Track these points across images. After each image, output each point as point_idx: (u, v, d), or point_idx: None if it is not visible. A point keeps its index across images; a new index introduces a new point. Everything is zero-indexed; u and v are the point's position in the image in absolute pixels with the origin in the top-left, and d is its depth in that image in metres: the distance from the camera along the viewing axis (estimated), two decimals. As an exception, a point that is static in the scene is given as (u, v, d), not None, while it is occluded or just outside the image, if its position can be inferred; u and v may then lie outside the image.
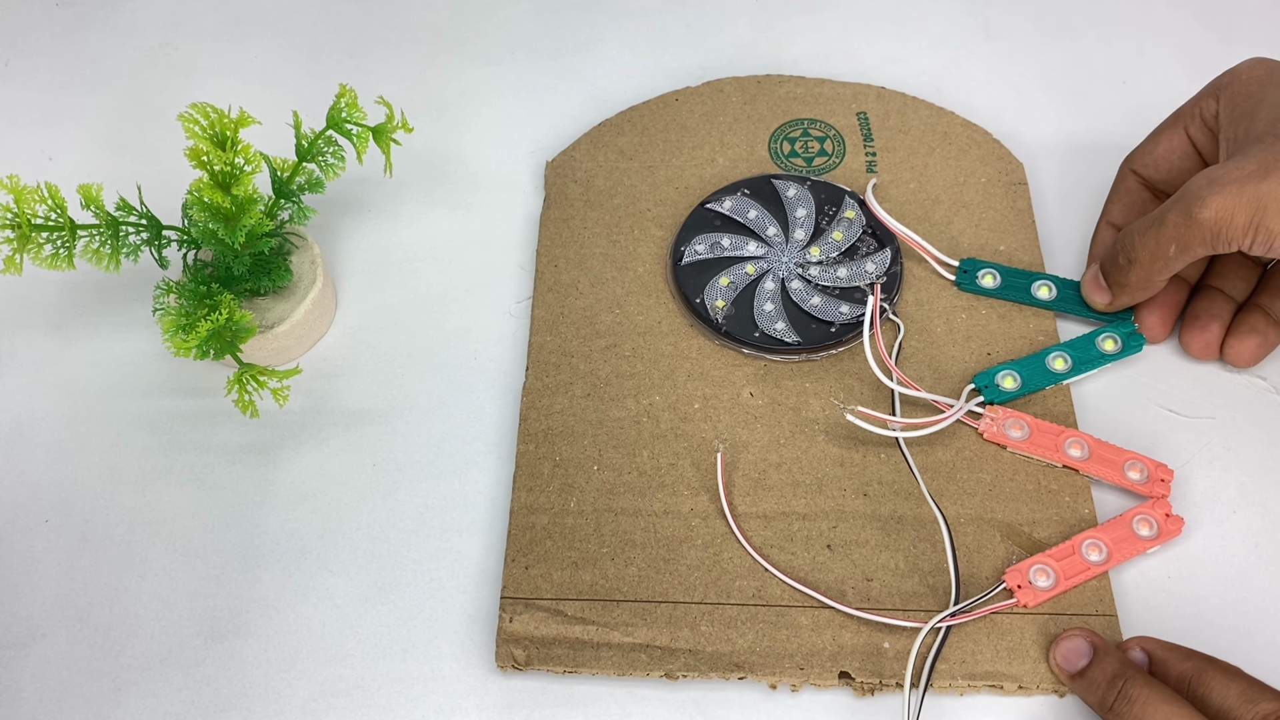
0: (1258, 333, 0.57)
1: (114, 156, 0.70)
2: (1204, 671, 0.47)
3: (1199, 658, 0.48)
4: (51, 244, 0.55)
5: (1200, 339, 0.58)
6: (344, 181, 0.63)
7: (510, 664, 0.51)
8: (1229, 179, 0.51)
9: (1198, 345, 0.58)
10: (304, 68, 0.74)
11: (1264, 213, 0.50)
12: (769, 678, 0.50)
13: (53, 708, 0.52)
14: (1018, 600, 0.51)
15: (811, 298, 0.60)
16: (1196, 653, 0.48)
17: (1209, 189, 0.51)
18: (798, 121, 0.68)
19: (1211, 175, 0.52)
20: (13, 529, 0.57)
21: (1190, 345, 0.59)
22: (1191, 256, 0.53)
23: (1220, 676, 0.47)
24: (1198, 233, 0.52)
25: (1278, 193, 0.50)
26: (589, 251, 0.63)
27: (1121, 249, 0.56)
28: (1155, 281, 0.56)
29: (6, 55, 0.76)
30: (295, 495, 0.57)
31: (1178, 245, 0.53)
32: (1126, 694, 0.47)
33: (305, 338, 0.61)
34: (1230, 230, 0.51)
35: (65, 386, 0.61)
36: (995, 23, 0.74)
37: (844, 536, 0.54)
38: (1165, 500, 0.54)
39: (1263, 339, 0.57)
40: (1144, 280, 0.56)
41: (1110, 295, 0.58)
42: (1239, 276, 0.59)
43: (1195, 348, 0.59)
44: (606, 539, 0.54)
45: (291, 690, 0.52)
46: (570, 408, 0.58)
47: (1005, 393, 0.57)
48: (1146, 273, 0.55)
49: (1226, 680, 0.46)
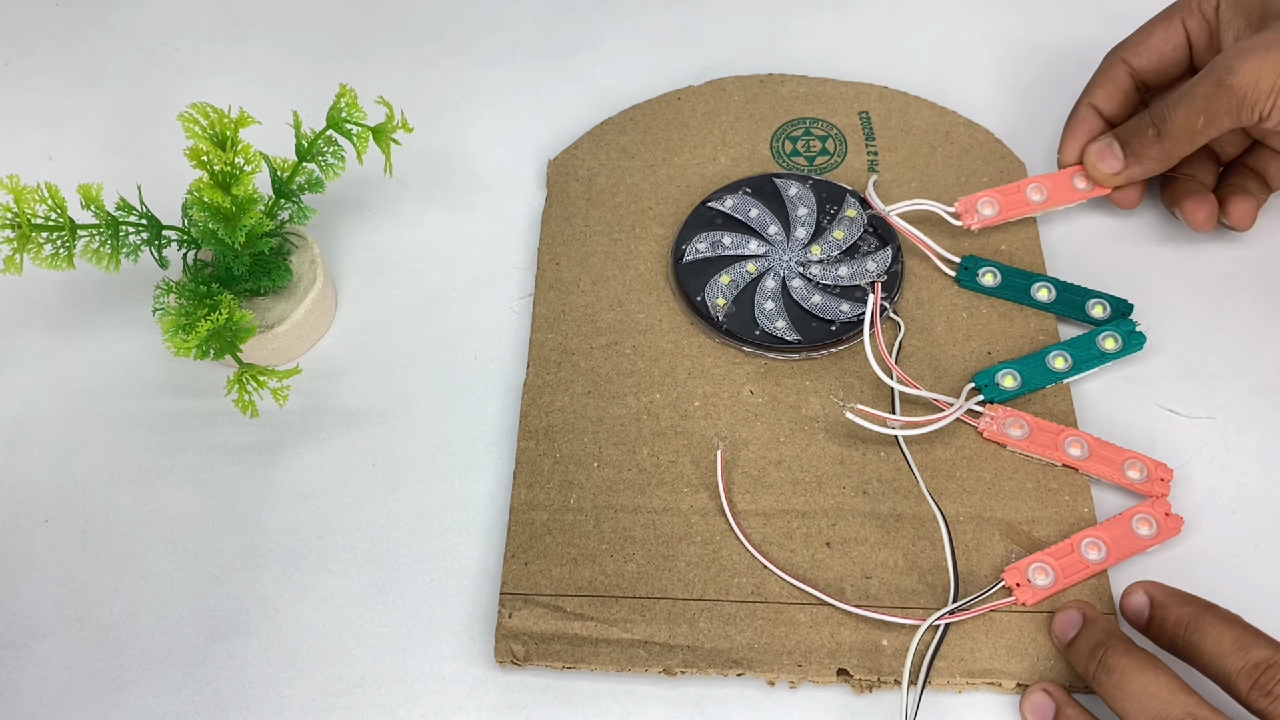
0: (1250, 195, 0.61)
1: (114, 156, 0.70)
2: (1201, 617, 0.47)
3: (1198, 603, 0.48)
4: (51, 244, 0.55)
5: (1203, 209, 0.61)
6: (344, 181, 0.63)
7: (509, 659, 0.51)
8: (1256, 46, 0.54)
9: (1201, 215, 0.61)
10: (304, 68, 0.74)
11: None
12: (767, 674, 0.50)
13: (53, 708, 0.52)
14: (1016, 598, 0.51)
15: (812, 296, 0.60)
16: (1196, 598, 0.48)
17: (1237, 56, 0.55)
18: (799, 121, 0.68)
19: (1239, 45, 0.55)
20: (13, 529, 0.57)
21: (1194, 217, 0.61)
22: (1218, 129, 0.57)
23: (1216, 623, 0.47)
24: (1226, 100, 0.55)
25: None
26: (590, 249, 0.63)
27: (1152, 120, 0.58)
28: (1176, 155, 0.59)
29: (6, 55, 0.77)
30: (295, 495, 0.57)
31: (1207, 116, 0.56)
32: (1106, 663, 0.47)
33: (305, 338, 0.61)
34: (1255, 94, 0.55)
35: (65, 386, 0.61)
36: (996, 22, 0.74)
37: (843, 534, 0.54)
38: (1165, 500, 0.54)
39: (1256, 200, 0.61)
40: (1168, 153, 0.59)
41: (1124, 164, 0.60)
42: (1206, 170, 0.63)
43: (1199, 218, 0.61)
44: (606, 535, 0.54)
45: (291, 690, 0.52)
46: (571, 405, 0.58)
47: (1005, 391, 0.57)
48: (1175, 144, 0.58)
49: (1222, 627, 0.46)
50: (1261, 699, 0.44)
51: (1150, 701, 0.45)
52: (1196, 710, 0.44)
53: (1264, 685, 0.44)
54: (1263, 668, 0.44)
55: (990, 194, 0.62)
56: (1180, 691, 0.45)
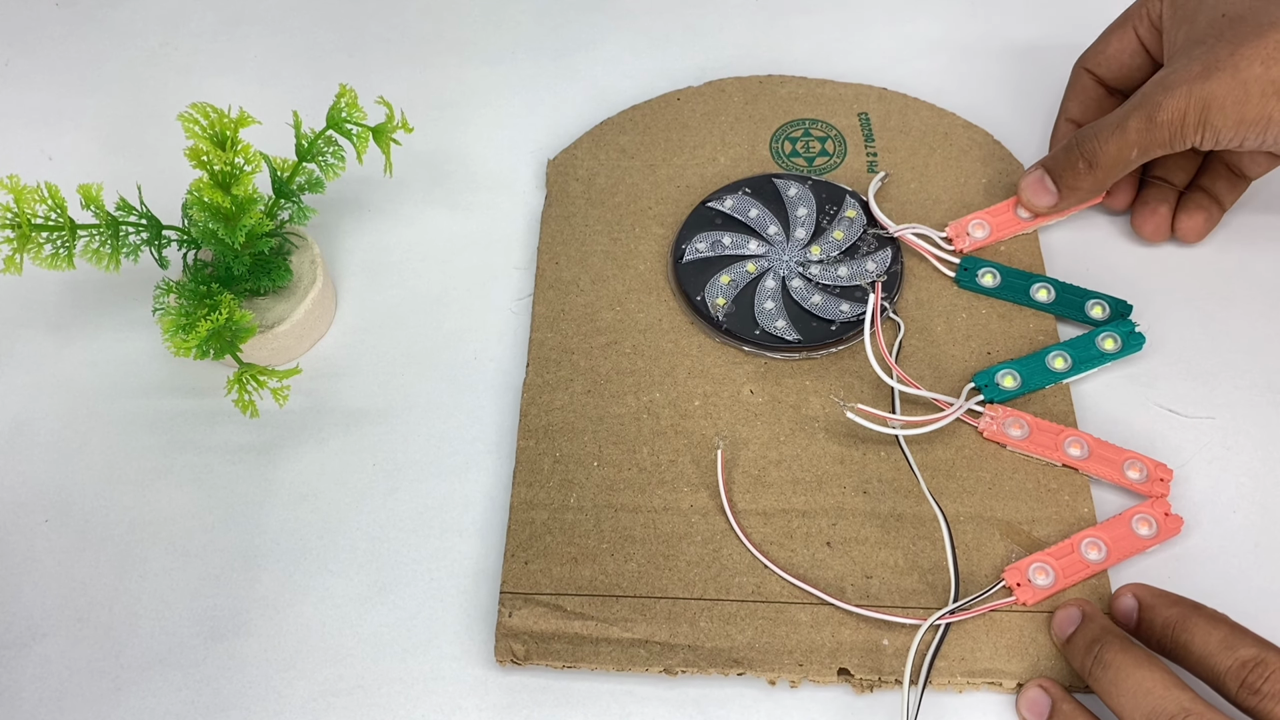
0: (1203, 209, 0.62)
1: (114, 156, 0.70)
2: (1188, 618, 0.47)
3: (1185, 604, 0.48)
4: (51, 244, 0.55)
5: (1151, 221, 0.62)
6: (344, 181, 0.63)
7: (509, 659, 0.51)
8: (1178, 82, 0.55)
9: (1149, 227, 0.62)
10: (304, 68, 0.74)
11: (1208, 111, 0.54)
12: (768, 674, 0.50)
13: (53, 708, 0.52)
14: (1017, 598, 0.51)
15: (812, 296, 0.60)
16: (1183, 599, 0.48)
17: (1162, 93, 0.55)
18: (799, 121, 0.68)
19: (1163, 79, 0.56)
20: (13, 529, 0.57)
21: (1143, 228, 0.63)
22: (1151, 157, 0.58)
23: (1204, 623, 0.47)
24: (1159, 134, 0.56)
25: (1218, 92, 0.54)
26: (590, 249, 0.63)
27: (1080, 153, 0.59)
28: (1110, 183, 0.60)
29: (6, 55, 0.77)
30: (295, 495, 0.57)
31: (1140, 149, 0.57)
32: (1102, 659, 0.47)
33: (305, 338, 0.61)
34: (1184, 130, 0.55)
35: (65, 386, 0.61)
36: (996, 23, 0.74)
37: (843, 534, 0.54)
38: (1164, 500, 0.54)
39: (1208, 214, 0.62)
40: (1101, 183, 0.60)
41: (1058, 197, 0.61)
42: (1179, 167, 0.63)
43: (1148, 229, 0.62)
44: (606, 535, 0.54)
45: (291, 690, 0.52)
46: (571, 404, 0.58)
47: (1005, 391, 0.57)
48: (1107, 175, 0.59)
49: (1209, 626, 0.46)
50: (1251, 697, 0.44)
51: (1145, 697, 0.45)
52: (1191, 706, 0.44)
53: (1252, 684, 0.44)
54: (1251, 666, 0.45)
55: (981, 216, 0.63)
56: (1175, 687, 0.45)
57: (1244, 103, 0.53)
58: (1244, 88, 0.53)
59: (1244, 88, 0.53)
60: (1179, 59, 0.56)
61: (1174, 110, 0.55)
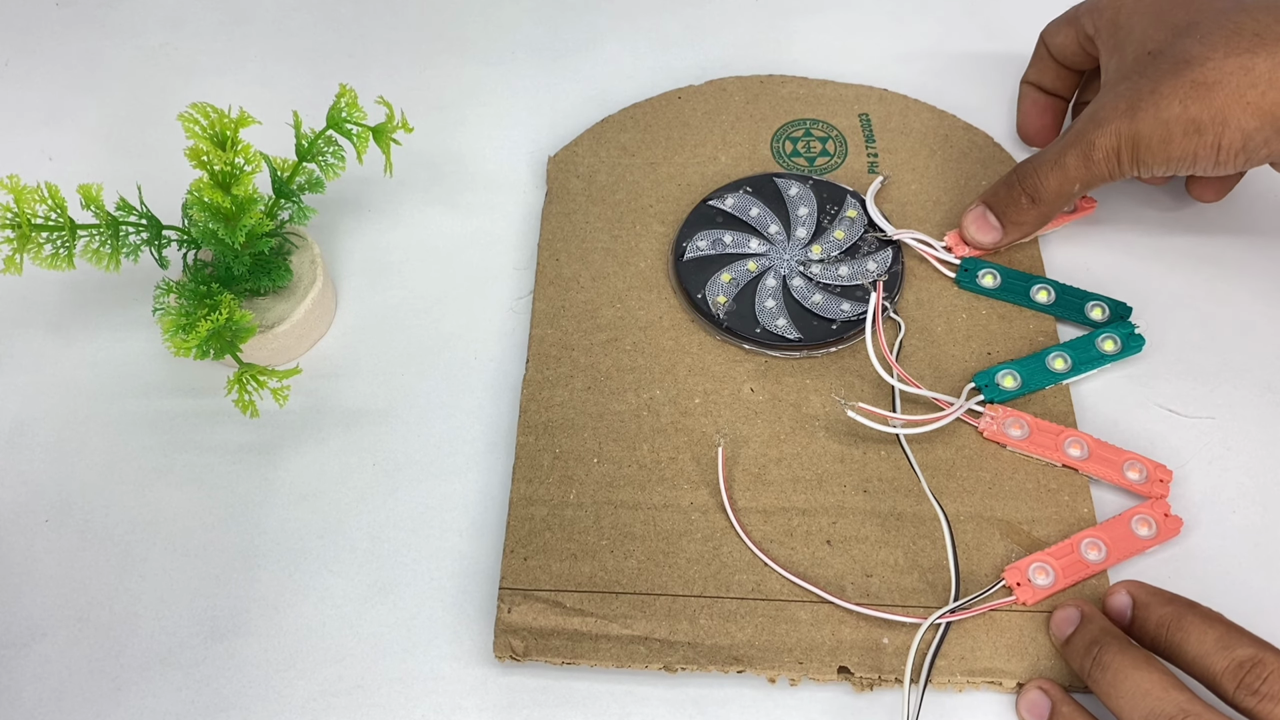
0: None
1: (114, 156, 0.70)
2: (1183, 617, 0.47)
3: (1180, 602, 0.48)
4: (51, 244, 0.55)
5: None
6: (344, 181, 0.63)
7: (508, 654, 0.51)
8: (1108, 119, 0.55)
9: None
10: (304, 68, 0.74)
11: (1138, 150, 0.55)
12: (768, 671, 0.50)
13: (53, 708, 0.52)
14: (1017, 598, 0.51)
15: (813, 295, 0.60)
16: (1178, 598, 0.48)
17: (1095, 130, 0.56)
18: (800, 121, 0.68)
19: (1094, 114, 0.56)
20: (13, 529, 0.57)
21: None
22: (1095, 188, 0.59)
23: (1199, 622, 0.47)
24: (1097, 170, 0.56)
25: (1144, 131, 0.54)
26: (590, 246, 0.63)
27: (1023, 189, 0.59)
28: (1053, 216, 0.60)
29: (6, 55, 0.77)
30: (295, 495, 0.57)
31: (1081, 183, 0.57)
32: (1100, 660, 0.47)
33: (305, 338, 0.61)
34: (1120, 165, 0.56)
35: (65, 386, 0.61)
36: (996, 24, 0.74)
37: (844, 532, 0.54)
38: (1164, 500, 0.54)
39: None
40: (1045, 217, 0.60)
41: (1002, 233, 0.61)
42: None
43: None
44: (606, 531, 0.54)
45: (291, 690, 0.52)
46: (570, 400, 0.58)
47: (1005, 392, 0.57)
48: (1050, 209, 0.59)
49: (1204, 626, 0.46)
50: (1248, 698, 0.44)
51: (1143, 698, 0.45)
52: (1189, 706, 0.44)
53: (1250, 684, 0.44)
54: (1248, 666, 0.44)
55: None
56: (1173, 688, 0.45)
57: (1168, 141, 0.54)
58: (1166, 127, 0.54)
59: (1166, 127, 0.54)
60: (1108, 94, 0.56)
61: (1106, 149, 0.55)
